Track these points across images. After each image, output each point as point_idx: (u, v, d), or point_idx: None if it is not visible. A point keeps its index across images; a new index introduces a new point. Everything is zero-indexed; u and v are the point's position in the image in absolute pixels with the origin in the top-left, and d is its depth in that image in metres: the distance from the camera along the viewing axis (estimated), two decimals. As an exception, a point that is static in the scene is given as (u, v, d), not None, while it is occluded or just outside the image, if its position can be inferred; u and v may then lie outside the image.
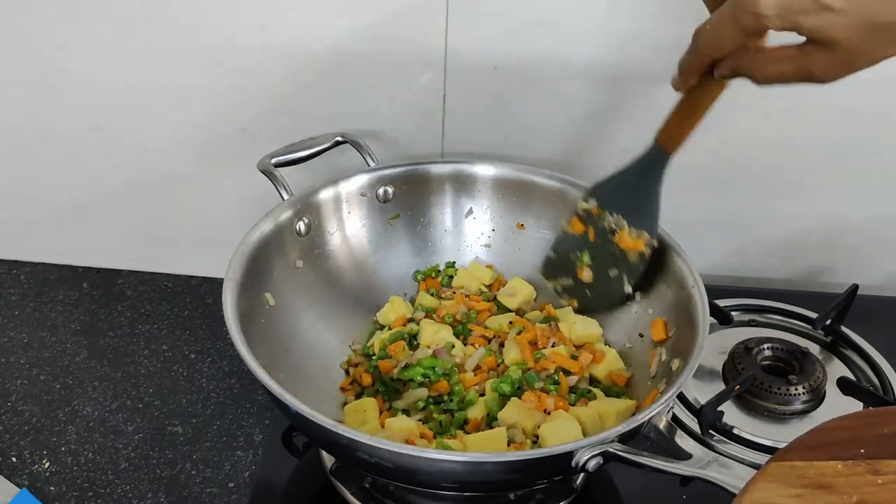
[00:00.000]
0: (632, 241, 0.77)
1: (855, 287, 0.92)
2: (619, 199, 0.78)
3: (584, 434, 0.72)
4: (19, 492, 0.76)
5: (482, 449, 0.70)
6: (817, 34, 0.54)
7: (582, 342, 0.81)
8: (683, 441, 0.65)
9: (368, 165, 0.86)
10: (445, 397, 0.77)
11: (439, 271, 0.89)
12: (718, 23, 0.59)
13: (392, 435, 0.71)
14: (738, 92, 0.66)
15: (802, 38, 0.56)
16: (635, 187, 0.76)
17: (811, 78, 0.57)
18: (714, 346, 0.88)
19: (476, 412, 0.75)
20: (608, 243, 0.79)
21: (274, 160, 0.82)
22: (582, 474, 0.73)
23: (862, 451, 0.52)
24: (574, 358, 0.79)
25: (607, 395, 0.77)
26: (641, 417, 0.63)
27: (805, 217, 0.96)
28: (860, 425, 0.55)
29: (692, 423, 0.81)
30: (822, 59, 0.55)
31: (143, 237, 1.00)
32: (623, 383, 0.78)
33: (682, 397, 0.84)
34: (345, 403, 0.78)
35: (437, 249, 0.89)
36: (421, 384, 0.78)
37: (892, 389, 0.86)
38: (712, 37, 0.60)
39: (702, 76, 0.65)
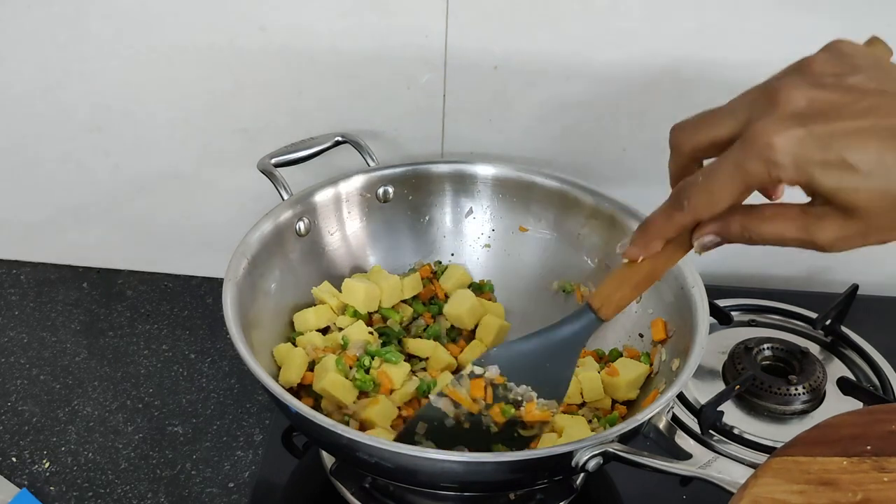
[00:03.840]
0: (540, 413, 0.68)
1: (855, 287, 0.92)
2: (531, 371, 0.68)
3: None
4: (19, 492, 0.76)
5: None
6: (834, 196, 0.47)
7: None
8: (683, 441, 0.64)
9: (368, 165, 0.85)
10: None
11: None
12: (715, 173, 0.49)
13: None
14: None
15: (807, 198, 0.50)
16: (554, 356, 0.67)
17: (814, 245, 0.50)
18: (714, 346, 0.88)
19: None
20: (501, 415, 0.69)
21: (274, 160, 0.82)
22: (582, 474, 0.73)
23: (868, 447, 0.51)
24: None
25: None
26: (641, 417, 0.63)
27: (805, 217, 0.96)
28: (867, 422, 0.53)
29: (692, 423, 0.81)
30: (833, 226, 0.48)
31: (143, 237, 1.00)
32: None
33: (682, 397, 0.84)
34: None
35: (437, 249, 0.89)
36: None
37: (892, 389, 0.86)
38: (706, 190, 0.50)
39: (669, 242, 0.55)
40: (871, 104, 0.46)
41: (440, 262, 0.88)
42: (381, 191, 0.86)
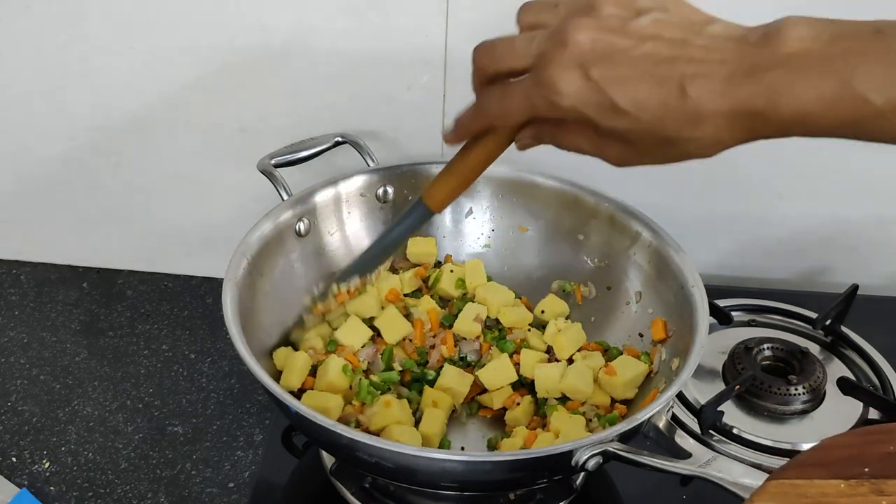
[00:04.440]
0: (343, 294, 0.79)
1: (855, 287, 0.92)
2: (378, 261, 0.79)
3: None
4: (19, 492, 0.76)
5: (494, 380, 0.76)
6: (610, 132, 0.54)
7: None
8: (683, 441, 0.64)
9: (368, 165, 0.86)
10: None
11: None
12: (509, 95, 0.56)
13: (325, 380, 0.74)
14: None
15: None
16: (395, 247, 0.77)
17: (606, 160, 0.57)
18: (714, 346, 0.88)
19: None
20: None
21: (274, 160, 0.82)
22: (582, 474, 0.73)
23: (866, 469, 0.50)
24: None
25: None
26: (641, 417, 0.63)
27: (805, 217, 0.96)
28: (864, 443, 0.53)
29: (692, 423, 0.81)
30: (615, 148, 0.55)
31: (143, 237, 1.00)
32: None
33: (682, 397, 0.84)
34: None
35: (437, 249, 0.89)
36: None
37: (892, 389, 0.86)
38: (501, 107, 0.57)
39: (475, 137, 0.62)
40: (646, 51, 0.51)
41: (440, 263, 0.88)
42: (381, 191, 0.86)
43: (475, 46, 0.59)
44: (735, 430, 0.81)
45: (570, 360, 0.80)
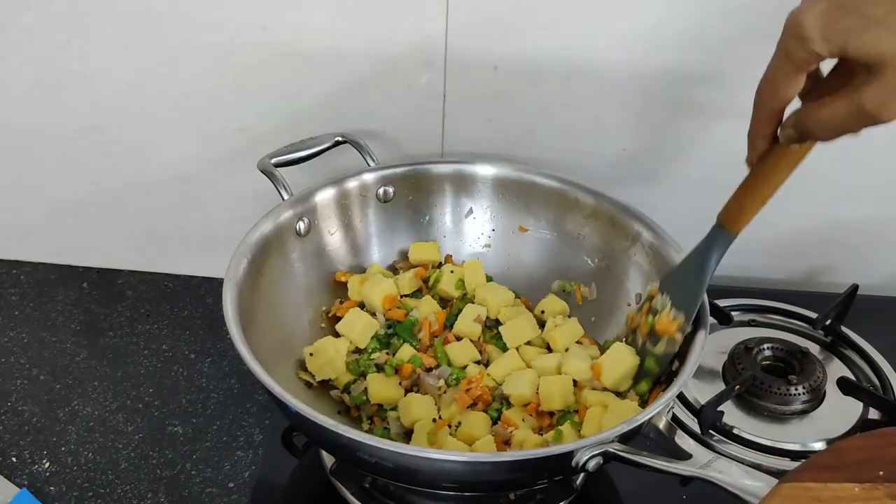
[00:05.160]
0: (668, 322, 0.72)
1: (855, 287, 0.92)
2: (672, 280, 0.74)
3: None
4: (19, 492, 0.76)
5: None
6: (865, 52, 0.51)
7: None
8: (683, 441, 0.64)
9: (368, 165, 0.85)
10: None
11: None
12: (770, 65, 0.57)
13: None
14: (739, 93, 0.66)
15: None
16: (689, 268, 0.72)
17: (864, 114, 0.53)
18: (714, 346, 0.88)
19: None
20: (646, 324, 0.75)
21: (274, 160, 0.82)
22: (582, 474, 0.73)
23: (881, 473, 0.49)
24: None
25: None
26: (641, 417, 0.63)
27: (805, 217, 0.96)
28: (878, 445, 0.52)
29: (692, 423, 0.81)
30: (873, 91, 0.52)
31: (143, 237, 1.00)
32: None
33: (682, 397, 0.84)
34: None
35: (438, 249, 0.89)
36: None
37: (892, 389, 0.86)
38: (767, 82, 0.57)
39: (771, 143, 0.61)
40: None
41: (440, 263, 0.88)
42: (381, 191, 0.86)
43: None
44: (735, 431, 0.81)
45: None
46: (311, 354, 0.77)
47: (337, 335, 0.81)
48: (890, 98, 0.52)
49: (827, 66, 0.59)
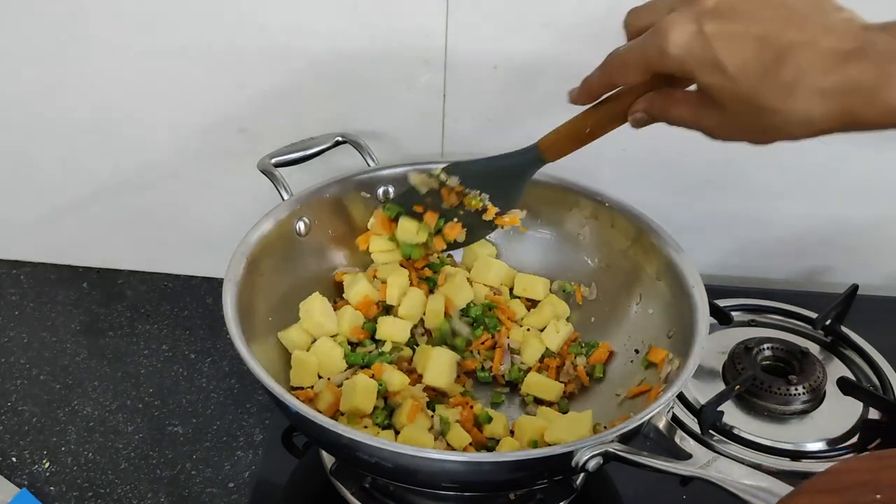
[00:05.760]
0: (508, 218, 0.79)
1: (855, 287, 0.92)
2: (487, 183, 0.78)
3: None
4: (19, 492, 0.76)
5: None
6: (707, 90, 0.54)
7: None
8: (683, 441, 0.64)
9: (368, 165, 0.85)
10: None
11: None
12: (628, 49, 0.58)
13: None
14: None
15: None
16: (504, 178, 0.77)
17: (703, 130, 0.57)
18: (714, 346, 0.88)
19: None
20: (470, 216, 0.80)
21: (274, 160, 0.82)
22: (582, 474, 0.73)
23: (878, 496, 0.47)
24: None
25: None
26: (641, 417, 0.63)
27: (805, 217, 0.96)
28: (876, 468, 0.50)
29: (692, 423, 0.81)
30: (712, 116, 0.55)
31: (143, 237, 1.00)
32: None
33: (682, 397, 0.84)
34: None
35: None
36: None
37: (892, 389, 0.86)
38: (619, 61, 0.59)
39: (597, 99, 0.64)
40: (763, 16, 0.51)
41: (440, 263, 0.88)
42: (381, 191, 0.86)
43: (628, 10, 0.61)
44: (735, 431, 0.81)
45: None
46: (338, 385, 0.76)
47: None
48: (723, 129, 0.55)
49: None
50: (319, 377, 0.77)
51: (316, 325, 0.78)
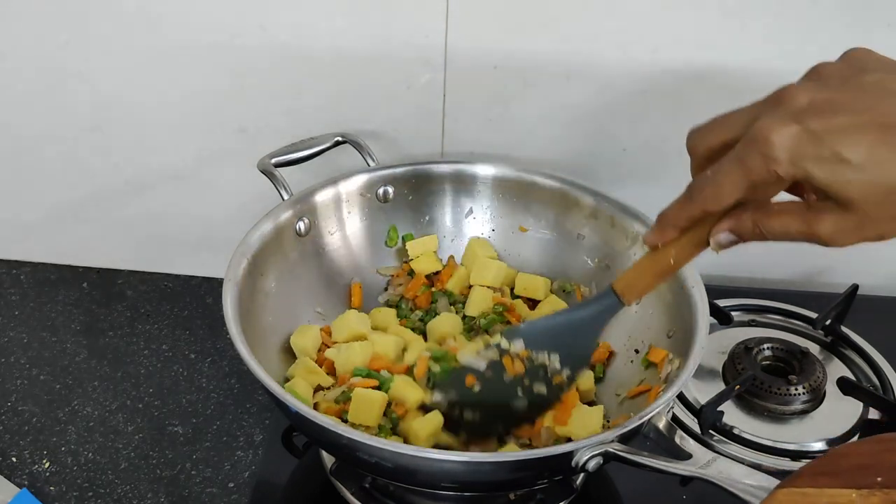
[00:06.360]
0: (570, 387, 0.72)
1: (855, 287, 0.92)
2: (556, 342, 0.71)
3: None
4: (19, 492, 0.76)
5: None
6: (829, 189, 0.48)
7: None
8: (683, 441, 0.64)
9: (368, 165, 0.85)
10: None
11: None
12: (721, 167, 0.51)
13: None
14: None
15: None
16: (577, 333, 0.71)
17: (817, 239, 0.51)
18: (714, 346, 0.88)
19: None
20: (537, 380, 0.72)
21: (274, 160, 0.82)
22: (582, 474, 0.73)
23: (879, 479, 0.49)
24: None
25: None
26: (641, 417, 0.63)
27: (805, 217, 0.96)
28: (876, 451, 0.51)
29: (692, 423, 0.81)
30: (831, 220, 0.50)
31: (143, 237, 1.00)
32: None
33: (682, 397, 0.84)
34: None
35: (438, 249, 0.89)
36: None
37: (892, 389, 0.86)
38: (712, 183, 0.52)
39: (683, 231, 0.58)
40: (870, 102, 0.48)
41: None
42: (381, 191, 0.86)
43: (688, 131, 0.55)
44: (735, 431, 0.81)
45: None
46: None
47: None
48: (845, 232, 0.51)
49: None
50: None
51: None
